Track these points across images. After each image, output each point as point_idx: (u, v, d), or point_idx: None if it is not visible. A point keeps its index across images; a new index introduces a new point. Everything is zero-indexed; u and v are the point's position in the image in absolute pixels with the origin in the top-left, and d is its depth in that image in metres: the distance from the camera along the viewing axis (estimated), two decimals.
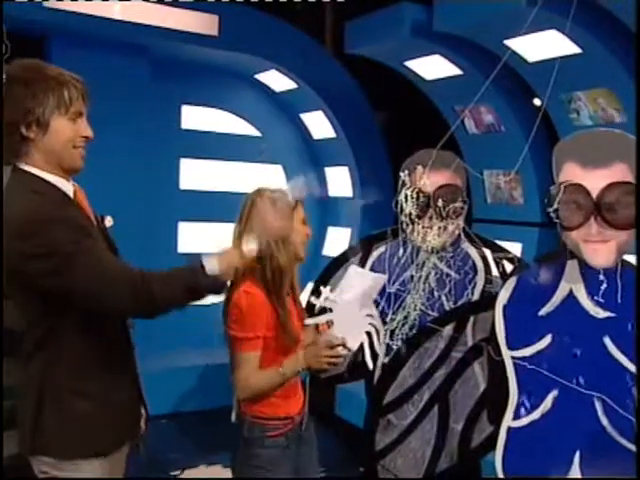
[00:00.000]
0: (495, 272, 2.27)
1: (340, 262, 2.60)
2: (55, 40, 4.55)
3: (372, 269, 2.41)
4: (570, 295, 1.51)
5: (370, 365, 1.94)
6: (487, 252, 2.31)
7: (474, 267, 2.28)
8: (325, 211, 5.93)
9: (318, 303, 1.94)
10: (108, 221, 1.82)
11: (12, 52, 4.39)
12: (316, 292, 2.42)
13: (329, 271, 2.59)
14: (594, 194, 1.41)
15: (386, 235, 2.40)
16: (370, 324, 1.94)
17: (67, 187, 1.67)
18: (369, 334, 1.94)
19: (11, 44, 4.38)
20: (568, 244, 1.50)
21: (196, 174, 5.46)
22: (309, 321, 2.00)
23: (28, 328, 1.64)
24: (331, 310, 1.93)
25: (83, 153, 1.66)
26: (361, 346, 1.93)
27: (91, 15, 4.41)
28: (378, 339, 1.98)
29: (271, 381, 2.01)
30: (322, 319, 1.96)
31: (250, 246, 1.77)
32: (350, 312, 1.91)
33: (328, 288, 1.95)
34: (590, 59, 3.73)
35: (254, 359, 2.00)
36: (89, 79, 1.73)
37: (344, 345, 1.92)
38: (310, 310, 2.16)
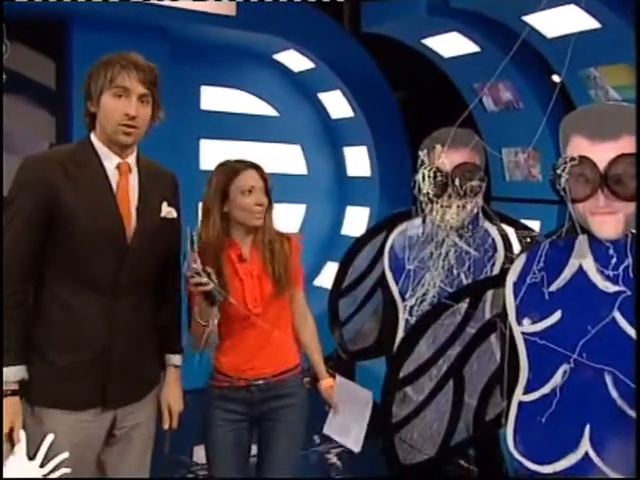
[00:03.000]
0: (518, 250, 2.29)
1: (364, 241, 2.65)
2: (75, 23, 4.59)
3: (392, 247, 2.45)
4: (580, 270, 1.52)
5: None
6: (510, 230, 2.32)
7: (494, 245, 2.30)
8: (344, 191, 5.95)
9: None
10: (168, 212, 1.97)
11: (33, 36, 4.46)
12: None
13: (352, 251, 2.64)
14: (601, 166, 1.42)
15: (410, 213, 2.43)
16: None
17: (110, 159, 1.85)
18: None
19: (32, 28, 4.45)
20: (576, 217, 1.51)
21: (216, 155, 5.50)
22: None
23: None
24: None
25: (128, 130, 1.83)
26: None
27: None
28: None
29: (193, 328, 2.16)
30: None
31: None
32: None
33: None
34: (609, 34, 3.69)
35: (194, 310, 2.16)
36: None
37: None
38: None
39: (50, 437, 1.69)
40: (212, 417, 2.24)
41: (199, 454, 3.76)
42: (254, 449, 2.31)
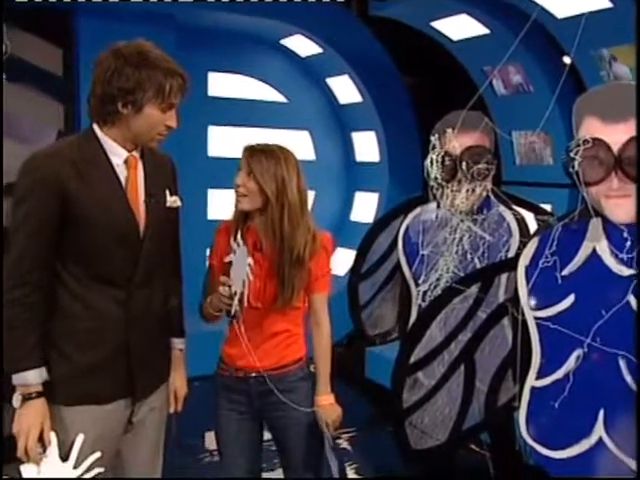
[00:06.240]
0: None
1: (381, 226, 2.64)
2: (81, 10, 4.58)
3: (407, 231, 2.44)
4: (594, 254, 1.50)
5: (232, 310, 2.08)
6: (529, 215, 2.30)
7: (509, 229, 2.28)
8: (352, 176, 5.93)
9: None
10: (173, 201, 1.91)
11: (40, 24, 4.45)
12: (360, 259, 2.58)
13: (370, 236, 2.63)
14: (615, 148, 1.40)
15: (427, 198, 2.42)
16: (247, 273, 2.07)
17: (119, 154, 1.80)
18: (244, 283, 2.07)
19: (39, 16, 4.43)
20: (589, 201, 1.49)
21: (224, 141, 5.49)
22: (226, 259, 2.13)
23: None
24: (235, 253, 2.08)
25: (161, 138, 1.83)
26: None
27: None
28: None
29: (205, 309, 2.19)
30: (226, 258, 2.11)
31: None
32: (241, 258, 2.07)
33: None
34: (620, 14, 3.63)
35: (209, 283, 2.21)
36: None
37: (229, 286, 2.06)
38: None
39: (81, 437, 1.68)
40: (218, 405, 2.23)
41: (210, 440, 3.78)
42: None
